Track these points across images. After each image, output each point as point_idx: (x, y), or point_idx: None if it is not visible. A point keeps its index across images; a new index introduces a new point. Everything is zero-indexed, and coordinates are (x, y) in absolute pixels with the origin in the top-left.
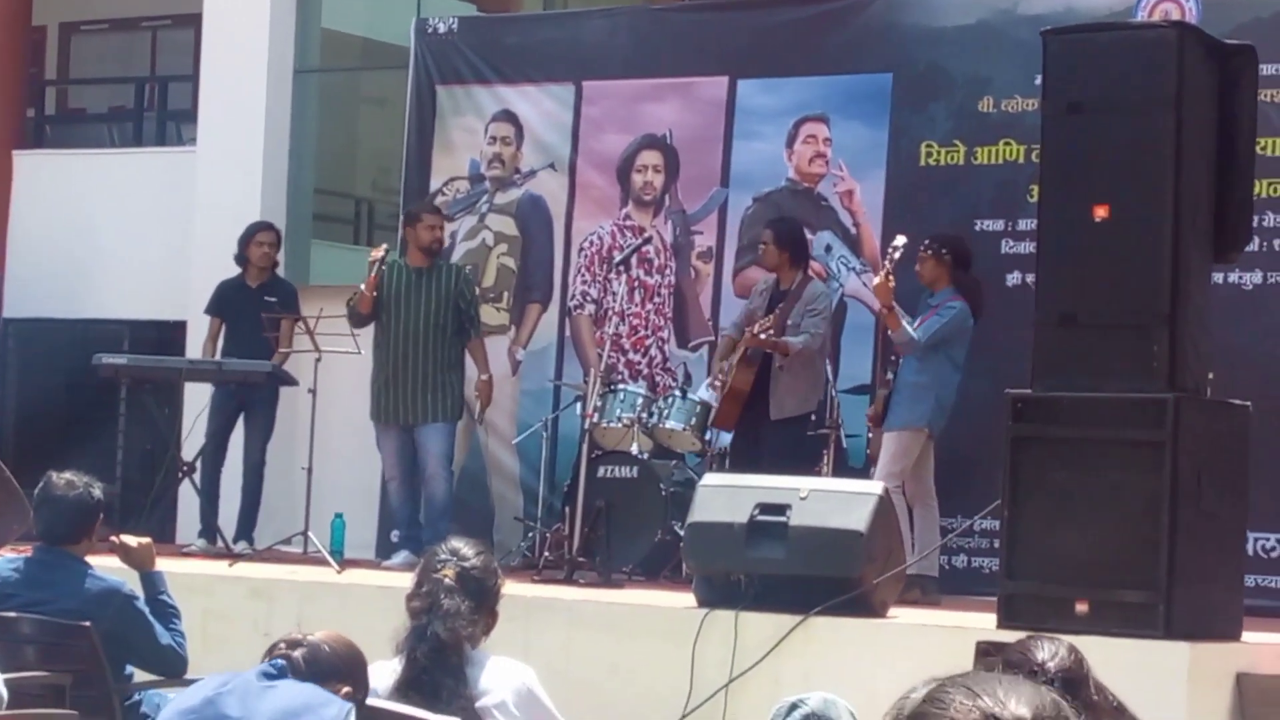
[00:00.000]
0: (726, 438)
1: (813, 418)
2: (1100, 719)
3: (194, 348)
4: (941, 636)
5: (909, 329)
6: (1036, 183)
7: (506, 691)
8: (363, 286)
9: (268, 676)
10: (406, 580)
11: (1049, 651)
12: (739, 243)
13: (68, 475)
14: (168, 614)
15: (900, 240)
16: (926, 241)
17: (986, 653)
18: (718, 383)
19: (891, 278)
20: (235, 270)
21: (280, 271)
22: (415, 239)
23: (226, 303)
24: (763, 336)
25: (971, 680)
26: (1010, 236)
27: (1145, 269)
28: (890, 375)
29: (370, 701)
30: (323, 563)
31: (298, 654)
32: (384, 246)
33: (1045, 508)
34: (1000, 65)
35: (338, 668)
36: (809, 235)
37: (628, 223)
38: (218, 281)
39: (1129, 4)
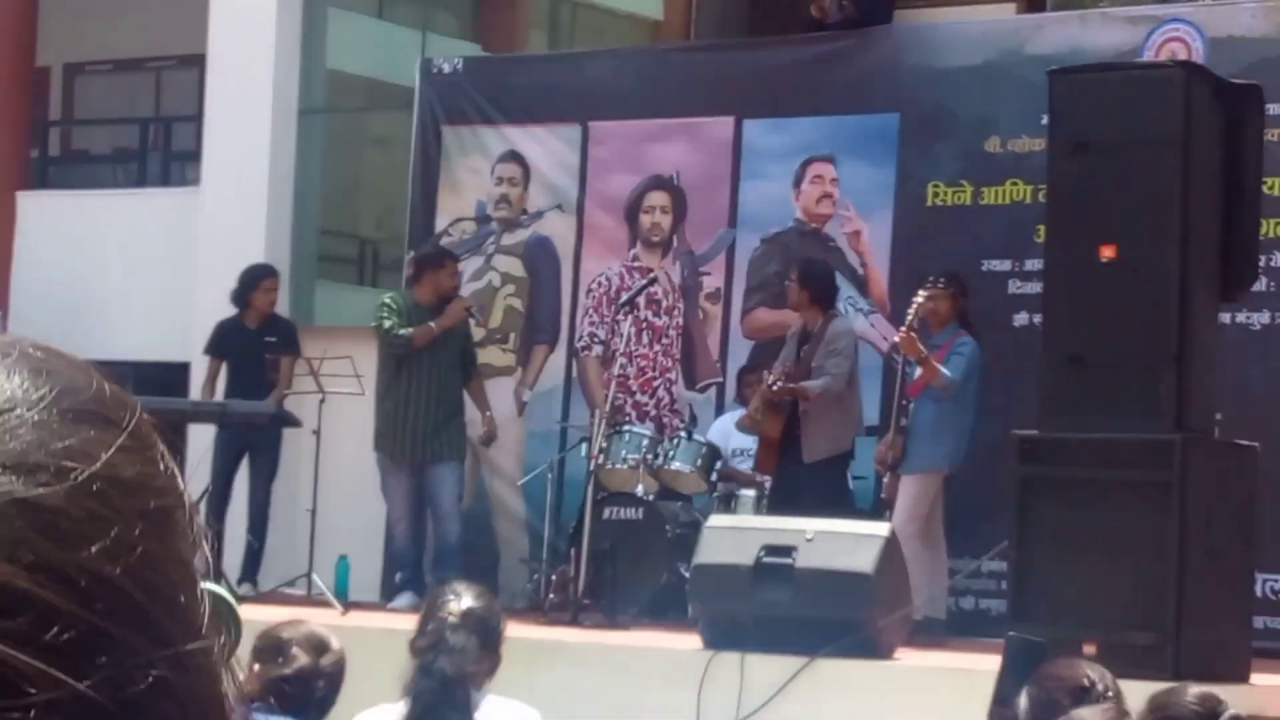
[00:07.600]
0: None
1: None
2: None
3: (198, 389)
4: (948, 679)
5: (945, 371)
6: (1043, 223)
7: None
8: (434, 324)
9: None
10: (411, 622)
11: None
12: (747, 284)
13: None
14: None
15: (923, 294)
16: (943, 280)
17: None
18: (747, 420)
19: (914, 331)
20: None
21: (285, 312)
22: (437, 283)
23: (227, 344)
24: (775, 387)
25: None
26: (1017, 277)
27: (1152, 309)
28: (903, 421)
29: None
30: (327, 605)
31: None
32: (471, 302)
33: (1053, 549)
34: (1007, 105)
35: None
36: None
37: (636, 264)
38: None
39: (1136, 44)
